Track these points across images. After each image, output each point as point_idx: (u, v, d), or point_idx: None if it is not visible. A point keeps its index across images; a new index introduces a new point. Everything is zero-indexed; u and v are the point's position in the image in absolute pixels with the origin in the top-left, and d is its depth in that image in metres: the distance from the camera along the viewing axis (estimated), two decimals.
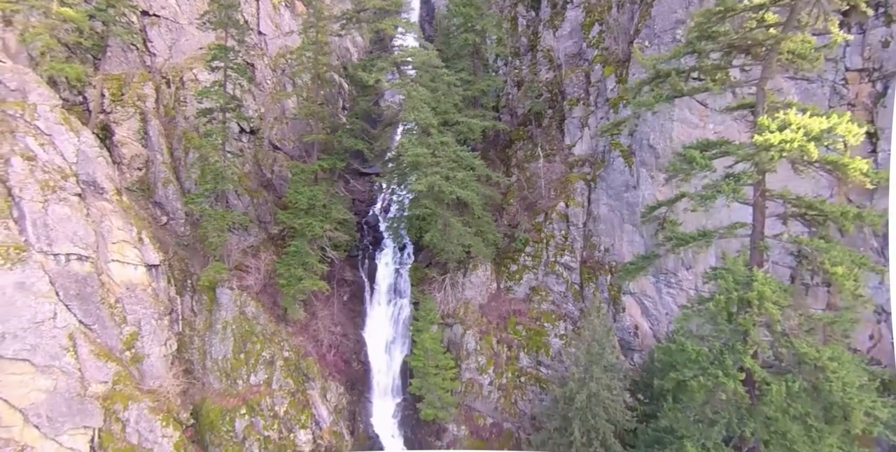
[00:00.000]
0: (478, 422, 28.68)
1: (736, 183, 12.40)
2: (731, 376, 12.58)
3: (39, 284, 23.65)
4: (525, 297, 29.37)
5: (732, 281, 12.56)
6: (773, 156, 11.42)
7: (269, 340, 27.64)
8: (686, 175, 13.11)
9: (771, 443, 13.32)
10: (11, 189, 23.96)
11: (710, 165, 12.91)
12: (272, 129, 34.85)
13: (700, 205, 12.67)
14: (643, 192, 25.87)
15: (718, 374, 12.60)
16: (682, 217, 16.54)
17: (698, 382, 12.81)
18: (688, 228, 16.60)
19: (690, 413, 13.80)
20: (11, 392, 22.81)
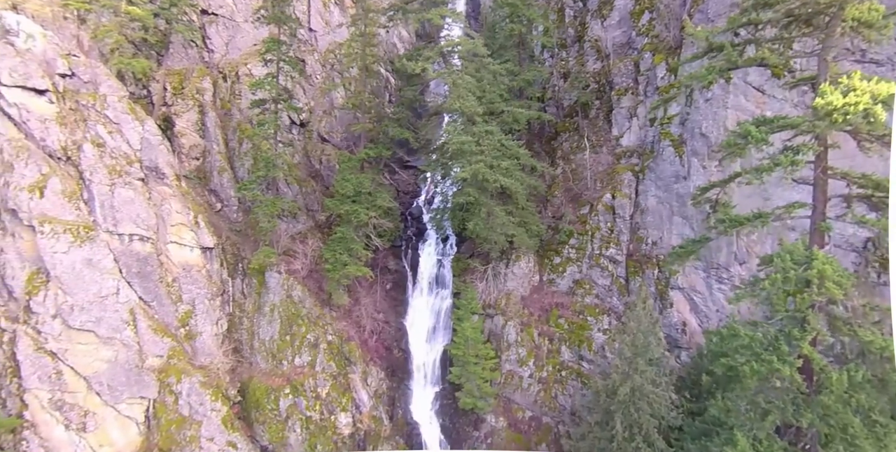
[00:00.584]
0: (516, 415, 28.39)
1: (795, 155, 11.74)
2: (786, 362, 11.89)
3: (105, 261, 25.24)
4: (568, 290, 28.90)
5: (790, 260, 11.86)
6: (836, 118, 10.68)
7: (313, 323, 28.38)
8: (740, 150, 12.51)
9: (829, 437, 12.51)
10: (83, 173, 25.73)
11: (766, 139, 12.28)
12: (321, 122, 35.86)
13: (756, 179, 12.06)
14: (694, 183, 24.96)
15: (773, 360, 11.94)
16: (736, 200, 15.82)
17: (751, 367, 12.17)
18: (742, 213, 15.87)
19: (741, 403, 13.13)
20: (77, 361, 24.41)
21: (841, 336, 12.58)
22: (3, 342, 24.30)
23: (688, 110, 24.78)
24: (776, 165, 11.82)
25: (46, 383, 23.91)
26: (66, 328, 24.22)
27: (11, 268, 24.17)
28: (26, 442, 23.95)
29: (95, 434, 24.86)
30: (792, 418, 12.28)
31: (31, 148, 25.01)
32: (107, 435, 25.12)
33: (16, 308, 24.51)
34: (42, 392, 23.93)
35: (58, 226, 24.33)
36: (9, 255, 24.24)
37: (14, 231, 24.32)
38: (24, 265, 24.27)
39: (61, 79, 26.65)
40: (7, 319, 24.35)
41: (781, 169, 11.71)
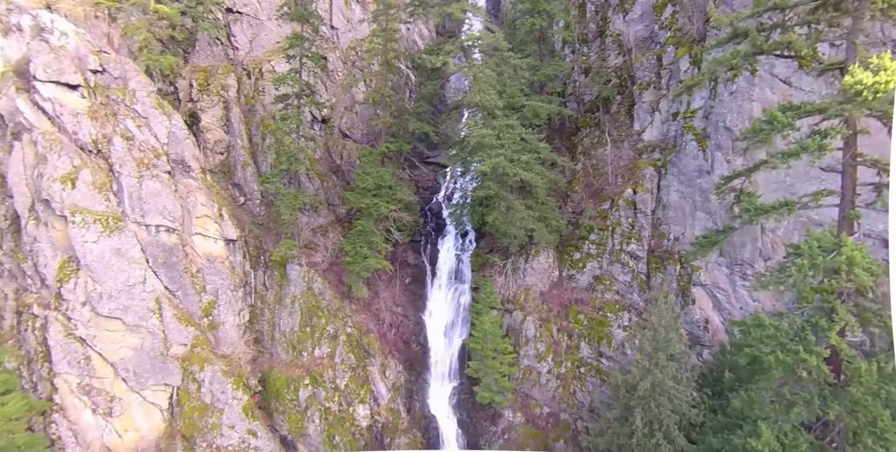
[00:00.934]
0: (534, 410, 28.25)
1: (822, 139, 11.46)
2: (813, 352, 11.61)
3: (133, 251, 25.90)
4: (588, 286, 28.68)
5: (818, 247, 11.56)
6: (866, 97, 10.39)
7: (333, 315, 28.68)
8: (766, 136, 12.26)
9: (858, 431, 12.17)
10: (112, 165, 26.45)
11: (793, 123, 12.03)
12: (342, 119, 36.28)
13: (782, 163, 11.81)
14: (718, 177, 24.57)
15: (799, 350, 11.65)
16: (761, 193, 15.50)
17: (776, 357, 11.90)
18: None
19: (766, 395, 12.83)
20: (105, 347, 25.08)
21: (871, 327, 12.23)
22: (35, 327, 25.12)
23: (712, 103, 24.43)
24: (803, 149, 11.55)
25: (75, 368, 24.63)
26: (95, 315, 24.92)
27: (44, 256, 24.97)
28: (55, 425, 24.70)
29: (121, 418, 25.52)
30: (819, 410, 11.97)
31: (63, 141, 25.82)
32: (132, 420, 25.77)
33: (48, 295, 25.33)
34: (71, 377, 24.66)
35: (88, 217, 25.06)
36: (42, 244, 25.05)
37: (47, 220, 25.14)
38: (56, 253, 25.06)
39: (93, 74, 27.44)
40: (39, 305, 25.17)
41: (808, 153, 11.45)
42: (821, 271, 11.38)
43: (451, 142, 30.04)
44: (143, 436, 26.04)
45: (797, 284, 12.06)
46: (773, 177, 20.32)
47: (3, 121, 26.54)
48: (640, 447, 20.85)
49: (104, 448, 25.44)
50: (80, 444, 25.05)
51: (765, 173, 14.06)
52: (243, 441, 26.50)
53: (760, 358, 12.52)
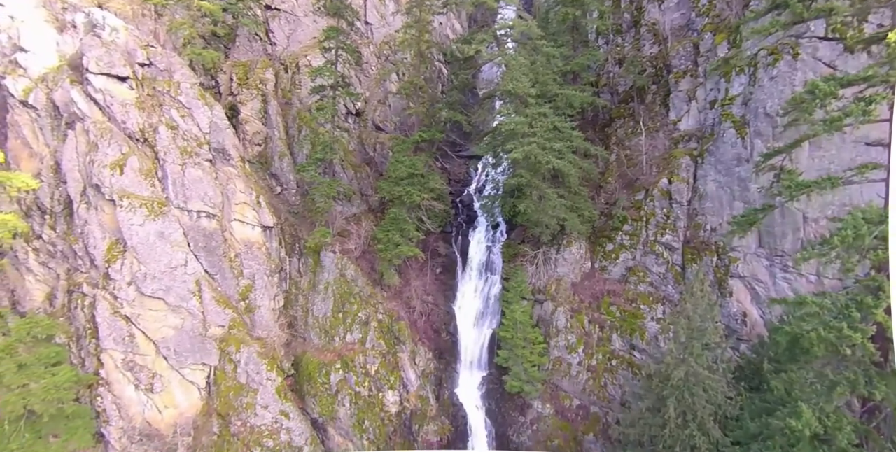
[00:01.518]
0: (563, 402, 27.99)
1: (867, 105, 11.04)
2: (858, 329, 11.17)
3: (175, 235, 26.96)
4: (621, 278, 28.27)
5: (862, 218, 11.12)
6: None
7: (365, 302, 29.13)
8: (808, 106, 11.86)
9: None
10: (158, 153, 27.62)
11: (835, 92, 11.63)
12: (375, 112, 36.88)
13: (825, 130, 11.40)
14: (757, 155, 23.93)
15: (843, 327, 11.23)
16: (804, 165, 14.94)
17: (818, 334, 11.48)
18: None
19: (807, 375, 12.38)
20: (148, 326, 26.18)
21: None
22: (84, 305, 26.43)
23: (751, 89, 23.78)
24: (847, 116, 11.14)
25: (120, 344, 25.79)
26: (140, 295, 26.05)
27: (94, 238, 26.27)
28: (101, 398, 25.90)
29: (161, 395, 26.57)
30: (864, 390, 11.50)
31: (113, 129, 27.13)
32: (172, 397, 26.79)
33: (96, 275, 26.62)
34: (116, 353, 25.83)
35: (135, 201, 26.24)
36: (92, 226, 26.36)
37: (97, 204, 26.44)
38: (105, 235, 26.32)
39: (140, 67, 28.74)
40: (88, 285, 26.48)
41: (853, 119, 11.03)
42: (865, 241, 10.93)
43: (484, 132, 30.14)
44: (182, 413, 27.04)
45: (840, 256, 11.62)
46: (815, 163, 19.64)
47: (59, 112, 28.06)
48: (673, 438, 20.42)
49: (145, 423, 26.53)
50: (123, 418, 26.19)
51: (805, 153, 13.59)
52: (276, 422, 27.19)
53: (801, 336, 12.08)
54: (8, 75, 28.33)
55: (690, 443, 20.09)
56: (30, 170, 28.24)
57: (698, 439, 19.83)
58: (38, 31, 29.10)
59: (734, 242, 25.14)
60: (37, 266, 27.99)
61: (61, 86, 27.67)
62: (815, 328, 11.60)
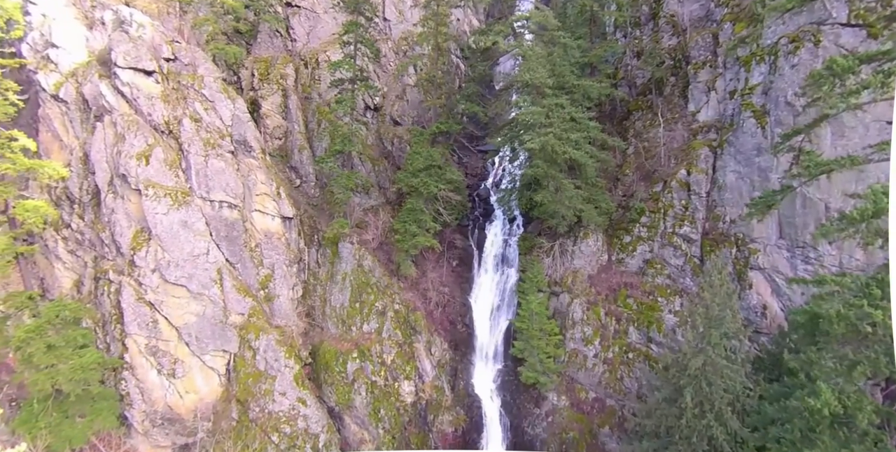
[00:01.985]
0: (579, 395, 27.88)
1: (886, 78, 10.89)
2: (879, 307, 10.99)
3: (198, 224, 27.61)
4: (638, 270, 28.10)
5: (882, 193, 10.93)
6: None
7: (382, 292, 29.43)
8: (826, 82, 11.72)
9: None
10: (182, 144, 28.34)
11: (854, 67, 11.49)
12: (393, 106, 37.27)
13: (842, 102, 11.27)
14: (778, 156, 23.62)
15: (863, 304, 11.07)
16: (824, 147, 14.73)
17: (838, 313, 11.33)
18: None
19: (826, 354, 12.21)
20: (171, 312, 26.83)
21: None
22: (110, 292, 27.20)
23: (771, 78, 23.52)
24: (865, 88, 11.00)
25: (144, 330, 26.47)
26: (163, 282, 26.71)
27: (120, 226, 27.04)
28: (125, 382, 26.60)
29: (183, 380, 27.18)
30: (885, 369, 11.28)
31: (139, 122, 27.92)
32: (193, 383, 27.39)
33: (122, 262, 27.38)
34: (140, 338, 26.51)
35: (160, 191, 26.95)
36: (118, 215, 27.13)
37: (123, 194, 27.22)
38: (131, 224, 27.08)
39: (166, 62, 29.53)
40: (115, 272, 27.25)
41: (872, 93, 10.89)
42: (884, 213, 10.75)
43: (501, 125, 30.26)
44: (202, 398, 27.61)
45: (860, 231, 11.45)
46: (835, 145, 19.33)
47: (88, 106, 28.98)
48: (690, 428, 20.23)
49: (167, 407, 27.15)
50: (146, 401, 26.85)
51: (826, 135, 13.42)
52: (293, 408, 27.61)
53: (820, 316, 11.92)
54: (40, 70, 29.35)
55: (707, 434, 19.89)
56: (60, 161, 29.11)
57: (715, 429, 19.63)
58: (69, 28, 30.13)
59: (754, 233, 24.87)
60: (65, 254, 28.89)
61: (90, 81, 28.57)
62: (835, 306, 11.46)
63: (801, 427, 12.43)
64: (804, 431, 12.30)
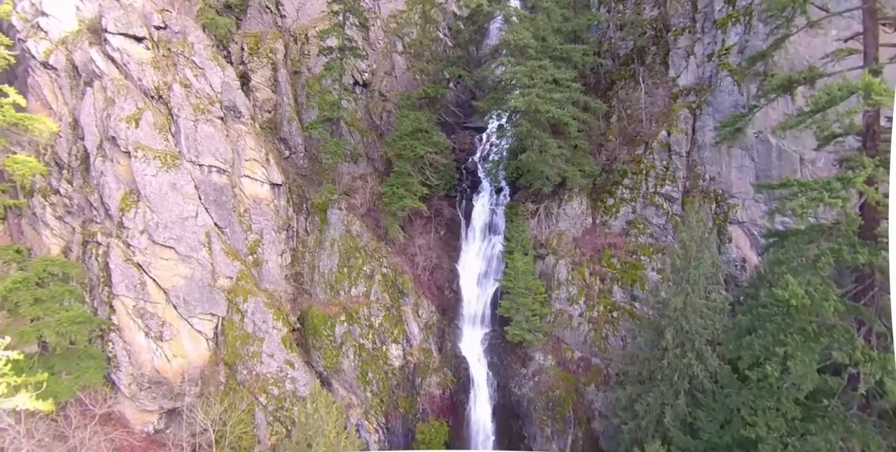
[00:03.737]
0: (565, 354, 28.23)
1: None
2: (839, 197, 11.46)
3: (187, 187, 27.81)
4: (621, 231, 28.64)
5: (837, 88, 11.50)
6: None
7: (370, 256, 29.71)
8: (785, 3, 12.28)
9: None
10: (172, 109, 28.62)
11: None
12: (382, 82, 37.82)
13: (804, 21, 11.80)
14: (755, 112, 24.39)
15: (824, 196, 11.59)
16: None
17: (800, 203, 11.83)
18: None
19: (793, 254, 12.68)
20: (159, 274, 26.91)
21: None
22: (98, 254, 27.26)
23: (747, 37, 24.37)
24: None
25: (132, 291, 26.51)
26: (152, 243, 26.83)
27: (109, 188, 27.18)
28: (112, 344, 26.58)
29: (170, 344, 27.18)
30: (847, 258, 11.74)
31: (129, 86, 28.21)
32: (180, 346, 27.39)
33: (110, 225, 27.49)
34: (128, 300, 26.54)
35: (149, 153, 27.17)
36: (107, 177, 27.29)
37: (113, 156, 27.41)
38: (120, 186, 27.24)
39: (156, 30, 29.91)
40: (103, 234, 27.34)
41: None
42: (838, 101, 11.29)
43: (488, 89, 30.87)
44: (190, 362, 27.58)
45: (816, 121, 12.00)
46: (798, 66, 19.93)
47: (78, 72, 29.24)
48: (671, 368, 20.65)
49: (154, 370, 27.10)
50: (133, 364, 26.80)
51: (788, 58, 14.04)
52: (281, 370, 27.68)
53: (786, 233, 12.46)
54: (30, 38, 29.59)
55: (689, 373, 20.32)
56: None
57: (696, 367, 20.06)
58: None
59: (733, 188, 25.56)
60: (53, 220, 28.94)
61: (80, 47, 28.86)
62: (799, 200, 11.98)
63: (772, 330, 12.88)
64: (775, 334, 12.75)
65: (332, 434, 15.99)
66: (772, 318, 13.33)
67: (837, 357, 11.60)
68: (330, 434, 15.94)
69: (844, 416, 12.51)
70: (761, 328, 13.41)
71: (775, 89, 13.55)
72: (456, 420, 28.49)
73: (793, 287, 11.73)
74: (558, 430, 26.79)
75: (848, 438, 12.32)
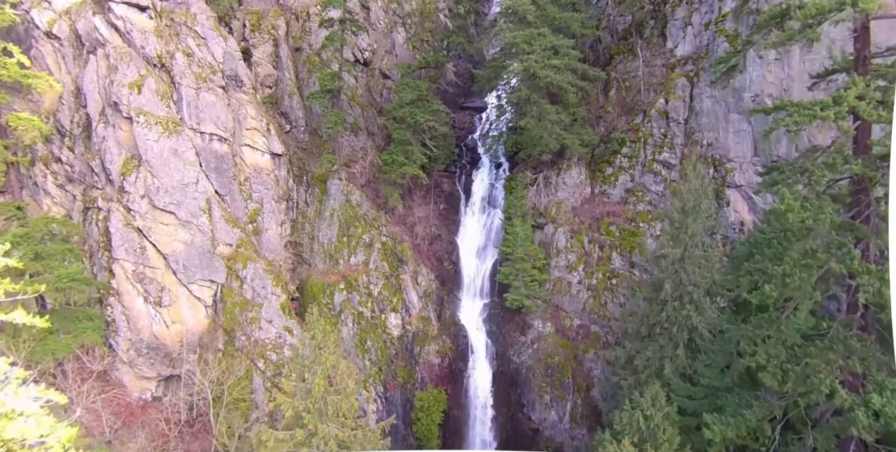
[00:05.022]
0: (564, 322, 28.22)
1: None
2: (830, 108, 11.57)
3: (188, 154, 27.95)
4: (620, 200, 28.77)
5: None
6: None
7: (369, 225, 29.79)
8: None
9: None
10: (174, 77, 28.84)
11: None
12: (383, 61, 38.14)
13: None
14: (751, 75, 24.71)
15: (816, 111, 11.74)
16: None
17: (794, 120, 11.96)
18: None
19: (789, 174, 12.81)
20: (159, 239, 26.97)
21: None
22: (98, 219, 27.34)
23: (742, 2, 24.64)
24: None
25: (132, 256, 26.56)
26: (152, 207, 26.92)
27: (110, 153, 27.33)
28: (111, 308, 26.59)
29: (169, 310, 27.18)
30: (840, 168, 11.85)
31: (132, 54, 28.44)
32: (179, 313, 27.39)
33: (111, 191, 27.60)
34: (127, 264, 26.58)
35: (151, 119, 27.35)
36: (109, 143, 27.44)
37: (115, 122, 27.58)
38: (121, 151, 27.39)
39: (159, 1, 30.25)
40: (104, 199, 27.43)
41: None
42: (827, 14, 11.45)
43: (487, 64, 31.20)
44: (189, 329, 27.55)
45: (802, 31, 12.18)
46: None
47: (81, 41, 29.49)
48: (670, 321, 20.67)
49: (152, 336, 27.08)
50: (132, 329, 26.79)
51: None
52: (279, 337, 27.64)
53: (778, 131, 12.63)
54: (34, 8, 29.87)
55: (688, 325, 20.34)
56: (52, 98, 29.50)
57: (695, 319, 20.09)
58: None
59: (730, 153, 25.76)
60: (54, 188, 29.05)
61: (84, 17, 29.13)
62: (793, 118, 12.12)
63: (770, 254, 12.96)
64: (773, 258, 12.83)
65: (328, 363, 15.93)
66: (769, 242, 13.42)
67: (835, 269, 11.67)
68: (327, 362, 15.88)
69: (845, 336, 12.54)
70: (759, 253, 13.49)
71: (767, 21, 13.76)
72: (455, 389, 28.42)
73: (788, 200, 11.83)
74: (557, 397, 26.73)
75: (848, 357, 12.36)
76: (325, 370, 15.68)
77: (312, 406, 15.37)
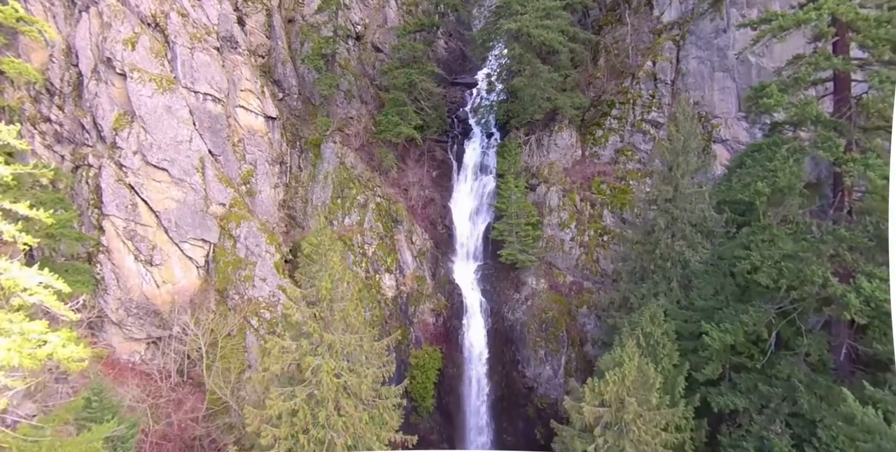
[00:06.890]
0: (557, 279, 28.61)
1: None
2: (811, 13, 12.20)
3: (182, 112, 27.86)
4: (610, 160, 29.46)
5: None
6: None
7: (364, 186, 29.93)
8: None
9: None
10: (168, 36, 28.81)
11: None
12: (374, 34, 38.61)
13: None
14: (734, 34, 25.69)
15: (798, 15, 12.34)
16: None
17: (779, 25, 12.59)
18: None
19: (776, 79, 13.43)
20: (151, 196, 26.69)
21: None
22: (89, 177, 26.97)
23: None
24: None
25: (123, 212, 26.22)
26: (145, 164, 26.68)
27: (102, 110, 27.07)
28: (100, 266, 26.12)
29: (160, 269, 26.81)
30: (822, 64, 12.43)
31: (126, 12, 28.35)
32: (171, 272, 27.03)
33: (103, 149, 27.29)
34: (118, 220, 26.22)
35: (145, 75, 27.23)
36: (101, 99, 27.21)
37: (107, 78, 27.39)
38: (114, 108, 27.15)
39: None
40: (94, 156, 27.10)
41: None
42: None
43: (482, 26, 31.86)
44: (180, 290, 27.18)
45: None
46: None
47: (72, 1, 29.35)
48: (663, 258, 21.15)
49: (143, 296, 26.64)
50: (122, 288, 26.33)
51: None
52: (273, 295, 27.44)
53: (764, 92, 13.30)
54: None
55: (680, 260, 20.85)
56: (42, 58, 29.17)
57: (687, 253, 20.61)
58: None
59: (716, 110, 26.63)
60: (42, 149, 28.57)
61: None
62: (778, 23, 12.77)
63: (761, 159, 13.54)
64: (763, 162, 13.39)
65: (337, 268, 15.97)
66: (760, 148, 14.01)
67: (823, 156, 12.27)
68: (335, 267, 15.92)
69: (835, 228, 13.11)
70: (751, 159, 14.08)
71: None
72: (449, 347, 28.48)
73: (776, 96, 12.45)
74: (552, 350, 26.98)
75: (838, 246, 12.90)
76: (333, 275, 15.71)
77: (318, 314, 15.38)
